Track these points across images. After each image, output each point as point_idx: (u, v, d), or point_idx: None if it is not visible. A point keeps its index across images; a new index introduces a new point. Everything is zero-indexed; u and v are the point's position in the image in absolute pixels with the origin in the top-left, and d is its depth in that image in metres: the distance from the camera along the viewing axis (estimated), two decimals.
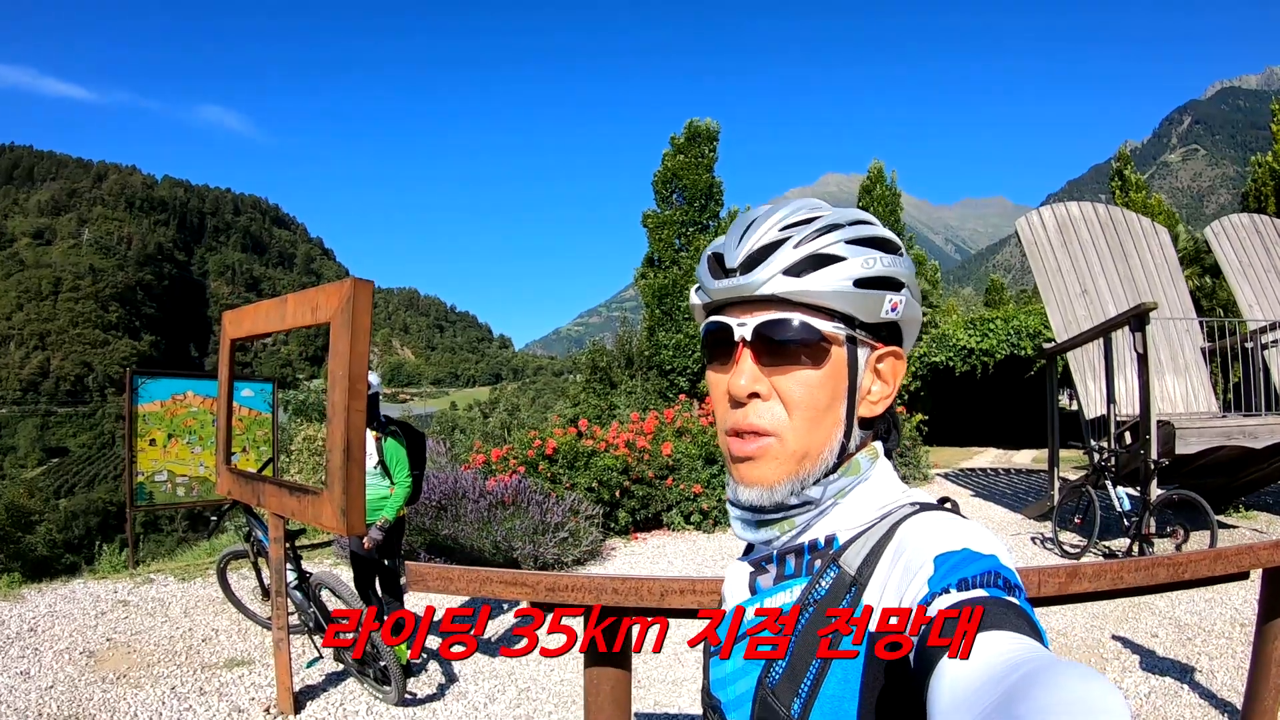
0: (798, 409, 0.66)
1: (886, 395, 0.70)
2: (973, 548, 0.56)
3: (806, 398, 0.66)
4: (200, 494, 6.79)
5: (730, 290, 0.68)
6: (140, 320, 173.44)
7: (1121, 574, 2.12)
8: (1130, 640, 4.53)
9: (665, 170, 17.82)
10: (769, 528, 0.69)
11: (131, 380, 6.43)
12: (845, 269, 0.65)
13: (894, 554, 0.62)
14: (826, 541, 0.68)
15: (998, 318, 14.99)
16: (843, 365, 0.67)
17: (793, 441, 0.67)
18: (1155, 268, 8.51)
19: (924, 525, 0.62)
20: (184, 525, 30.67)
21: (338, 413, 2.92)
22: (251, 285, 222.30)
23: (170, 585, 5.94)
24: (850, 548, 0.66)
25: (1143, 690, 3.81)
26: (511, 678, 4.13)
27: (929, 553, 0.57)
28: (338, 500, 2.91)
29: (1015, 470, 13.71)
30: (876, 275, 0.66)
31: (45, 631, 4.75)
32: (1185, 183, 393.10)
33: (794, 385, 0.66)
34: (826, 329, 0.66)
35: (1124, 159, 16.29)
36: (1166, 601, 5.15)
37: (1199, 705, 3.62)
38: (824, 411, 0.67)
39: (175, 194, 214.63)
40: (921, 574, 0.56)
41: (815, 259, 0.65)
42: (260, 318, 3.79)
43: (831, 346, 0.66)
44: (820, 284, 0.65)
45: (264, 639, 4.63)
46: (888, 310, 0.67)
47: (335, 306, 3.00)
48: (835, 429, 0.68)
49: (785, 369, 0.66)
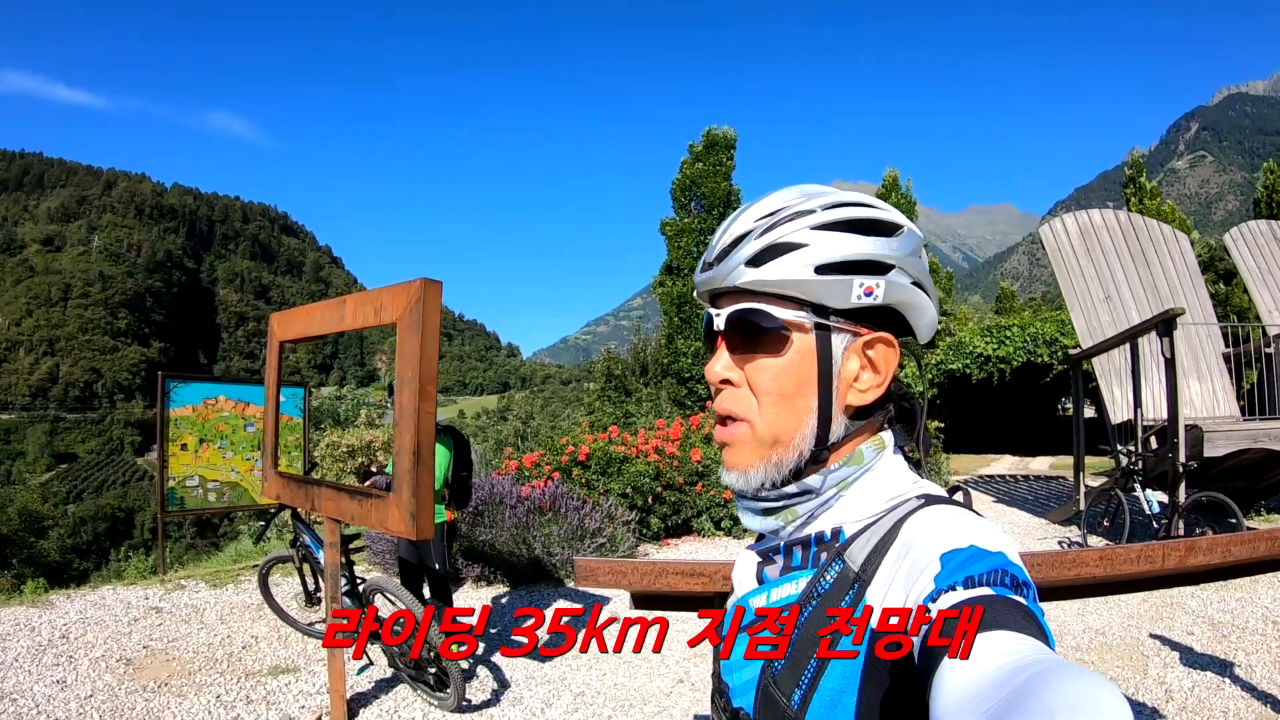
0: (763, 395, 0.68)
1: (878, 384, 0.69)
2: (980, 545, 0.55)
3: (770, 384, 0.67)
4: (231, 499, 6.83)
5: (705, 283, 0.71)
6: (150, 327, 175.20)
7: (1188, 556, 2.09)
8: (1167, 638, 4.59)
9: (684, 178, 17.88)
10: (773, 516, 0.70)
11: (163, 384, 6.46)
12: (805, 255, 0.65)
13: (900, 550, 0.61)
14: (833, 534, 0.68)
15: (1014, 325, 14.99)
16: (810, 352, 0.67)
17: (761, 427, 0.68)
18: (1177, 274, 8.51)
19: (931, 520, 0.62)
20: (192, 531, 30.69)
21: (407, 415, 2.95)
22: (260, 293, 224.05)
23: (203, 591, 5.98)
24: (856, 542, 0.65)
25: (1186, 685, 3.88)
26: (564, 682, 4.12)
27: (935, 549, 0.56)
28: (406, 504, 2.95)
29: (1034, 476, 13.69)
30: (841, 260, 0.65)
31: (78, 639, 4.74)
32: (1193, 189, 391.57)
33: (758, 373, 0.68)
34: (787, 317, 0.66)
35: (1137, 166, 16.31)
36: (1199, 601, 5.22)
37: (1242, 698, 3.69)
38: (790, 398, 0.67)
39: (185, 201, 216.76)
40: (928, 571, 0.55)
41: (775, 248, 0.66)
42: (314, 319, 3.81)
43: (793, 334, 0.67)
44: (777, 273, 0.65)
45: (306, 646, 4.65)
46: (860, 295, 0.66)
47: (403, 307, 3.03)
48: (806, 416, 0.68)
49: (752, 357, 0.68)
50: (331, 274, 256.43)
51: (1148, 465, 6.91)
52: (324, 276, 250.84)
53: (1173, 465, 6.55)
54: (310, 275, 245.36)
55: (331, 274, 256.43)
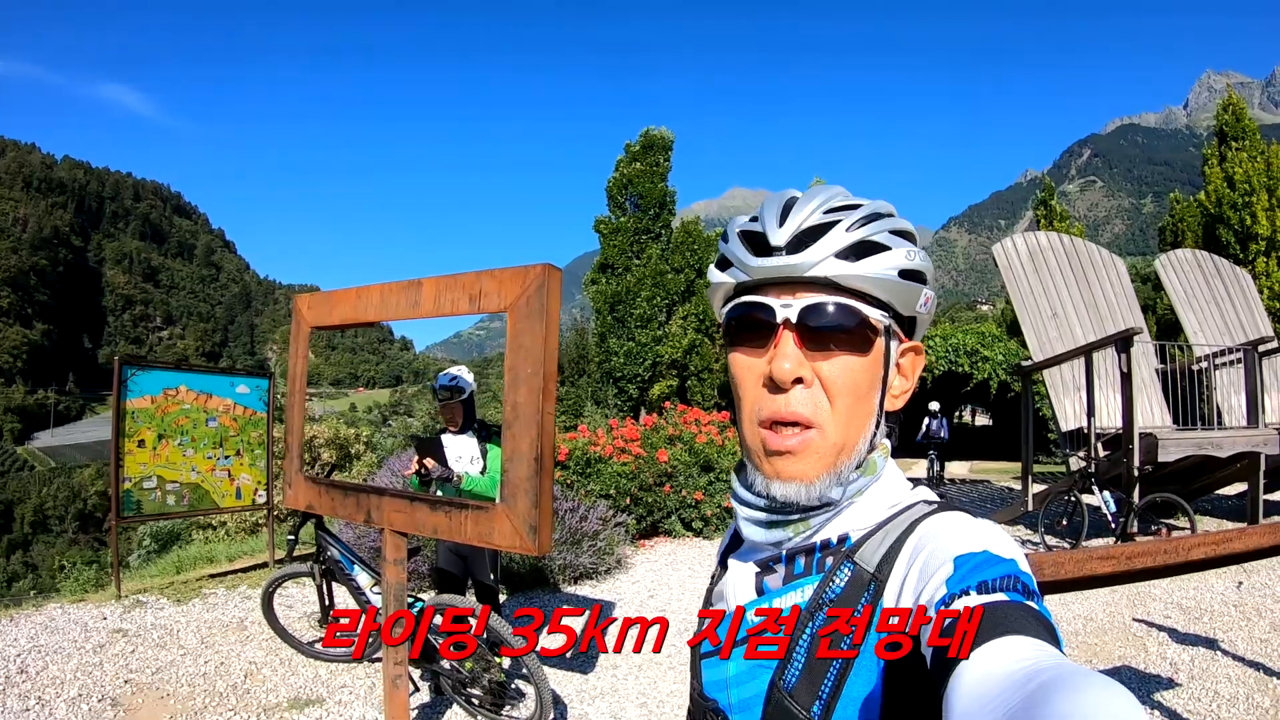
0: (840, 396, 0.65)
1: (907, 389, 0.71)
2: (993, 550, 0.56)
3: (850, 385, 0.65)
4: (192, 502, 5.99)
5: (777, 269, 0.66)
6: (33, 307, 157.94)
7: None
8: (1151, 621, 5.11)
9: (621, 176, 17.76)
10: (783, 528, 0.68)
11: (120, 371, 5.59)
12: (891, 258, 0.65)
13: (912, 551, 0.61)
14: (839, 540, 0.67)
15: (936, 335, 15.91)
16: (880, 355, 0.67)
17: (833, 433, 0.65)
18: (1115, 295, 9.28)
19: (944, 525, 0.62)
20: (151, 544, 27.28)
21: (525, 417, 2.64)
22: (149, 275, 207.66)
23: (167, 608, 5.24)
24: (866, 545, 0.65)
25: (1185, 658, 4.38)
26: (617, 694, 3.92)
27: (949, 553, 0.57)
28: (525, 516, 2.64)
29: (960, 480, 14.58)
30: (916, 268, 0.66)
31: (40, 673, 4.01)
32: (1082, 212, 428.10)
33: (839, 371, 0.65)
34: (873, 316, 0.65)
35: (1049, 190, 17.80)
36: (1163, 590, 5.77)
37: (1236, 666, 4.23)
38: (862, 401, 0.66)
39: (75, 175, 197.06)
40: (940, 574, 0.55)
41: (865, 245, 0.65)
42: (365, 304, 3.34)
43: (875, 335, 0.66)
44: (871, 270, 0.65)
45: (319, 671, 4.14)
46: (921, 304, 0.68)
47: (516, 294, 2.71)
48: (869, 420, 0.68)
49: (829, 354, 0.65)
50: (224, 259, 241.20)
51: (1101, 469, 7.48)
52: (216, 260, 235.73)
53: (1127, 469, 7.13)
54: (202, 259, 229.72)
55: (224, 259, 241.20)
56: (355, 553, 4.02)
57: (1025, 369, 9.09)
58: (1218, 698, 3.81)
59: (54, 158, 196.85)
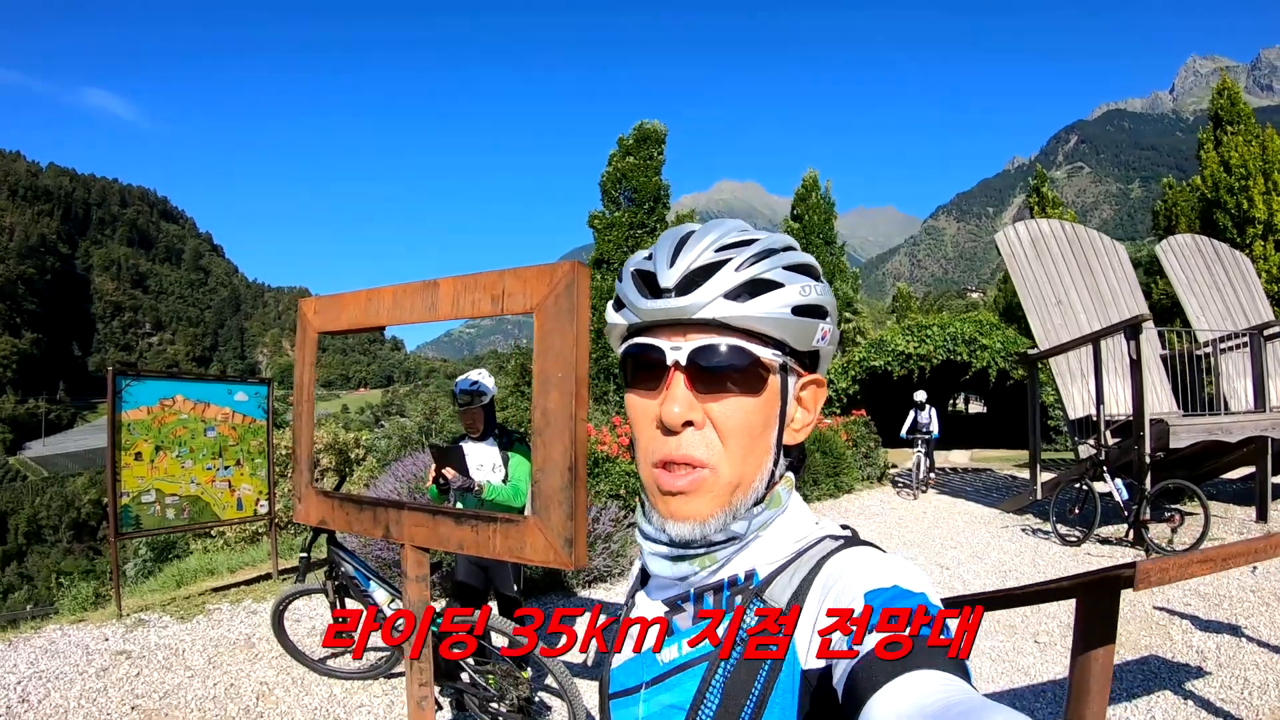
0: (733, 437, 0.64)
1: (809, 423, 0.71)
2: (903, 585, 0.56)
3: (743, 425, 0.65)
4: (192, 515, 5.80)
5: (666, 311, 0.65)
6: (21, 316, 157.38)
7: None
8: (1172, 609, 5.09)
9: (614, 171, 17.62)
10: (688, 562, 0.67)
11: (114, 382, 5.40)
12: (784, 295, 0.65)
13: (822, 589, 0.61)
14: (746, 577, 0.67)
15: (934, 324, 15.85)
16: (776, 392, 0.66)
17: (726, 472, 0.65)
18: (1117, 281, 9.24)
19: (853, 561, 0.62)
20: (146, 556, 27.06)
21: (557, 423, 2.50)
22: (138, 282, 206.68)
23: (170, 627, 5.08)
24: (774, 583, 0.65)
25: (1210, 645, 4.37)
26: None
27: (859, 588, 0.57)
28: (559, 529, 2.51)
29: (963, 469, 14.57)
30: (811, 303, 0.66)
31: (42, 702, 3.83)
32: (1070, 198, 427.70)
33: (730, 412, 0.64)
34: (765, 355, 0.64)
35: (1041, 177, 17.78)
36: None
37: (1262, 652, 4.22)
38: (757, 439, 0.66)
39: (60, 183, 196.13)
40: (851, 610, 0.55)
41: (756, 284, 0.64)
42: (377, 307, 3.17)
43: (768, 374, 0.65)
44: (761, 309, 0.64)
45: (333, 690, 4.00)
46: (819, 339, 0.68)
47: (544, 294, 2.56)
48: (766, 457, 0.67)
49: (720, 395, 0.64)
50: (212, 262, 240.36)
51: (1111, 456, 7.44)
52: (204, 264, 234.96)
53: (1139, 456, 7.09)
54: (190, 264, 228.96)
55: (212, 262, 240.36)
56: (371, 568, 3.87)
57: (1031, 357, 9.04)
58: (1248, 685, 3.79)
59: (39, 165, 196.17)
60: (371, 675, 4.09)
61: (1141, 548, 6.82)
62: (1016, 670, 4.25)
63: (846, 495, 11.03)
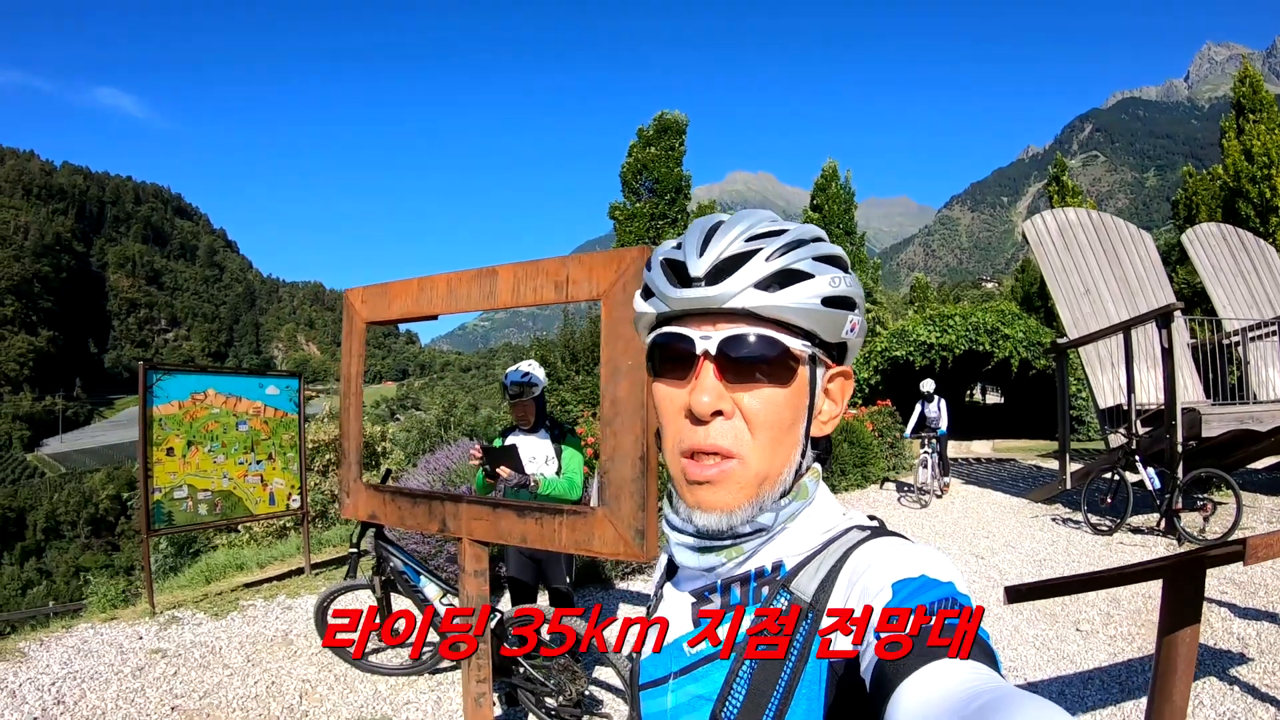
0: (762, 429, 0.64)
1: (835, 415, 0.71)
2: (930, 574, 0.56)
3: (772, 417, 0.65)
4: (224, 510, 5.80)
5: (695, 301, 0.65)
6: (38, 314, 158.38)
7: None
8: (1209, 598, 4.99)
9: (635, 161, 17.52)
10: (715, 553, 0.67)
11: (145, 377, 5.37)
12: (814, 286, 0.64)
13: (849, 579, 0.61)
14: (774, 568, 0.67)
15: (956, 315, 15.78)
16: (805, 384, 0.67)
17: (755, 463, 0.65)
18: (1144, 270, 9.14)
19: (880, 551, 0.62)
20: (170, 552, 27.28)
21: (625, 412, 2.47)
22: (153, 278, 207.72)
23: (205, 624, 5.08)
24: (801, 574, 0.65)
25: (1251, 633, 4.35)
26: None
27: (886, 579, 0.56)
28: (629, 520, 2.48)
29: (986, 459, 14.47)
30: (841, 294, 0.66)
31: (79, 703, 3.77)
32: (1085, 187, 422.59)
33: (759, 403, 0.64)
34: (795, 346, 0.64)
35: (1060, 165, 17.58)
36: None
37: None
38: (786, 431, 0.66)
39: (75, 181, 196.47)
40: (879, 600, 0.55)
41: (786, 274, 0.64)
42: (432, 295, 3.11)
43: (797, 365, 0.65)
44: (792, 299, 0.64)
45: (378, 687, 3.97)
46: (847, 330, 0.67)
47: (611, 280, 2.52)
48: (794, 450, 0.67)
49: (750, 386, 0.64)
50: (226, 258, 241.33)
51: (1143, 445, 7.37)
52: (219, 261, 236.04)
53: (1171, 445, 7.02)
54: (204, 260, 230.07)
55: (226, 258, 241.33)
56: (420, 563, 3.84)
57: (1061, 346, 8.95)
58: None
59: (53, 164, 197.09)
60: (416, 671, 4.07)
61: (1174, 537, 6.76)
62: (1062, 658, 4.21)
63: (873, 486, 11.02)
